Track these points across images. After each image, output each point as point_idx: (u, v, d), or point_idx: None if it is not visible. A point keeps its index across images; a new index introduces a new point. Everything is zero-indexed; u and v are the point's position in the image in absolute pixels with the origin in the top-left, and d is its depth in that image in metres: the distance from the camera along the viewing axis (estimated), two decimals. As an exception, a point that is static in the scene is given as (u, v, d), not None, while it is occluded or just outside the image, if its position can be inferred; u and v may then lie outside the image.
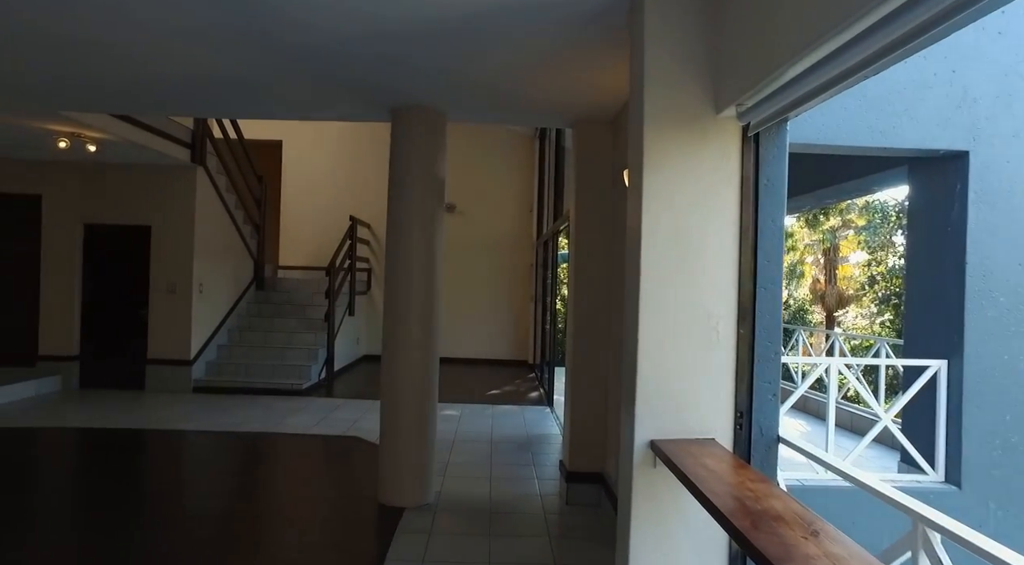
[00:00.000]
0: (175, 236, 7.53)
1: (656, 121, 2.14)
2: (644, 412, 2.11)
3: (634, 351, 2.14)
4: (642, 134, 2.15)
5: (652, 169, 2.14)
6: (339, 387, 8.21)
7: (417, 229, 4.04)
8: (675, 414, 2.11)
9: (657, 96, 2.13)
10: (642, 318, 2.12)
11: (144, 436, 5.61)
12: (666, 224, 2.14)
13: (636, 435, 2.10)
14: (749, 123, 2.10)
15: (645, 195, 2.15)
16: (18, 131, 5.94)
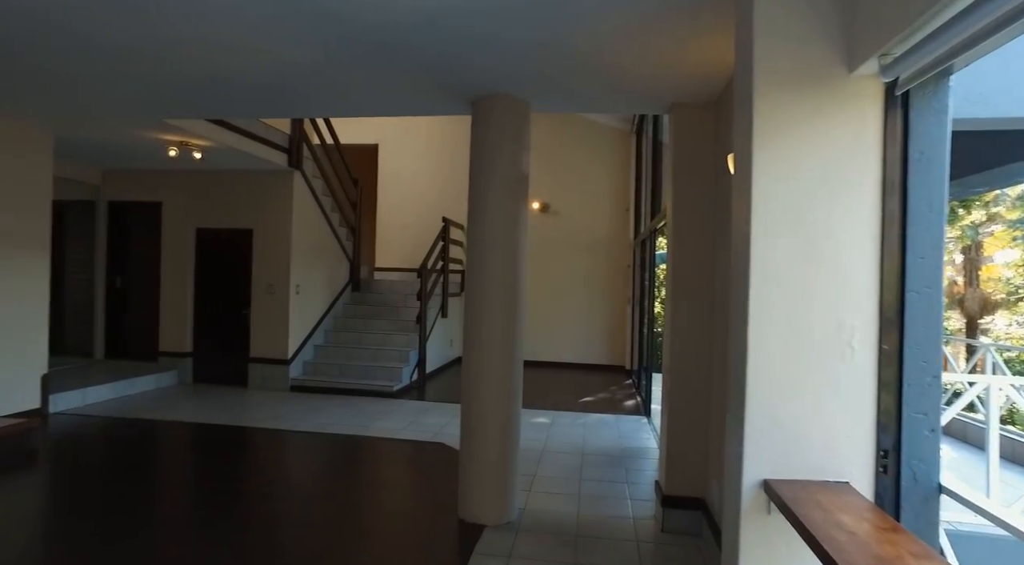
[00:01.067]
0: (274, 239, 7.78)
1: (769, 86, 1.73)
2: (755, 444, 1.70)
3: (742, 368, 1.75)
4: (751, 104, 1.75)
5: (765, 145, 1.74)
6: (430, 390, 8.16)
7: (499, 226, 3.78)
8: (796, 448, 1.69)
9: (770, 54, 1.73)
10: (752, 328, 1.73)
11: (239, 433, 5.75)
12: (783, 212, 1.73)
13: (745, 472, 1.71)
14: (897, 79, 1.64)
15: (756, 178, 1.74)
16: (137, 143, 6.32)
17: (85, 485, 4.36)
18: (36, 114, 5.10)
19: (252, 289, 7.85)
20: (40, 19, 2.88)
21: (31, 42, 3.20)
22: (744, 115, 1.84)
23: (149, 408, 6.54)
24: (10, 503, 4.01)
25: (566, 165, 10.92)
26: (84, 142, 6.46)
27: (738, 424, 1.76)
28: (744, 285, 1.78)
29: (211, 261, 8.05)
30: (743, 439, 1.72)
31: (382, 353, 8.25)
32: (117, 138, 6.17)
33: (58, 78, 3.87)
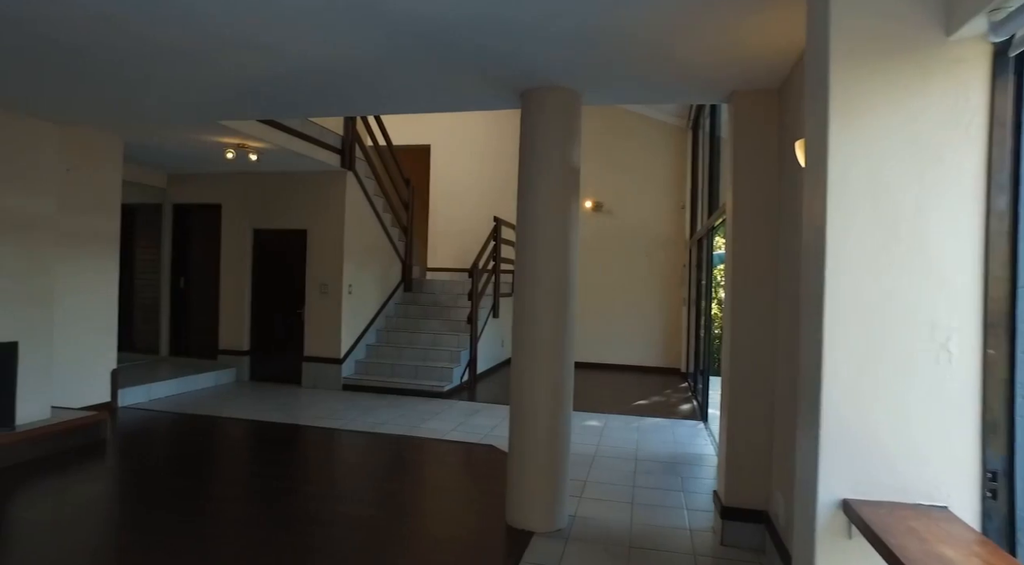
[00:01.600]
0: (327, 239, 7.88)
1: (848, 57, 1.54)
2: (833, 458, 1.52)
3: (817, 372, 1.56)
4: (827, 79, 1.56)
5: (842, 126, 1.55)
6: (480, 391, 8.09)
7: (549, 222, 3.65)
8: (881, 465, 1.49)
9: (849, 19, 1.54)
10: (828, 329, 1.54)
11: (292, 431, 5.81)
12: (863, 201, 1.54)
13: (821, 489, 1.52)
14: (1011, 37, 1.42)
15: (832, 164, 1.56)
16: (197, 146, 6.50)
17: (145, 478, 4.47)
18: (102, 121, 5.28)
19: (306, 289, 7.97)
20: (96, 22, 2.93)
21: (93, 48, 3.27)
22: (818, 93, 1.65)
23: (208, 404, 6.71)
24: (80, 492, 4.14)
25: (619, 163, 10.67)
26: (151, 147, 6.70)
27: (812, 435, 1.57)
28: (818, 283, 1.59)
29: (267, 261, 8.23)
30: (818, 452, 1.53)
31: (433, 353, 8.24)
32: (179, 143, 6.36)
33: (116, 84, 3.97)
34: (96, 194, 6.09)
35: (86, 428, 5.19)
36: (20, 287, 4.91)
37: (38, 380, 5.07)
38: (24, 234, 4.93)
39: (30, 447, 4.75)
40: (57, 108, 4.70)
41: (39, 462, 4.66)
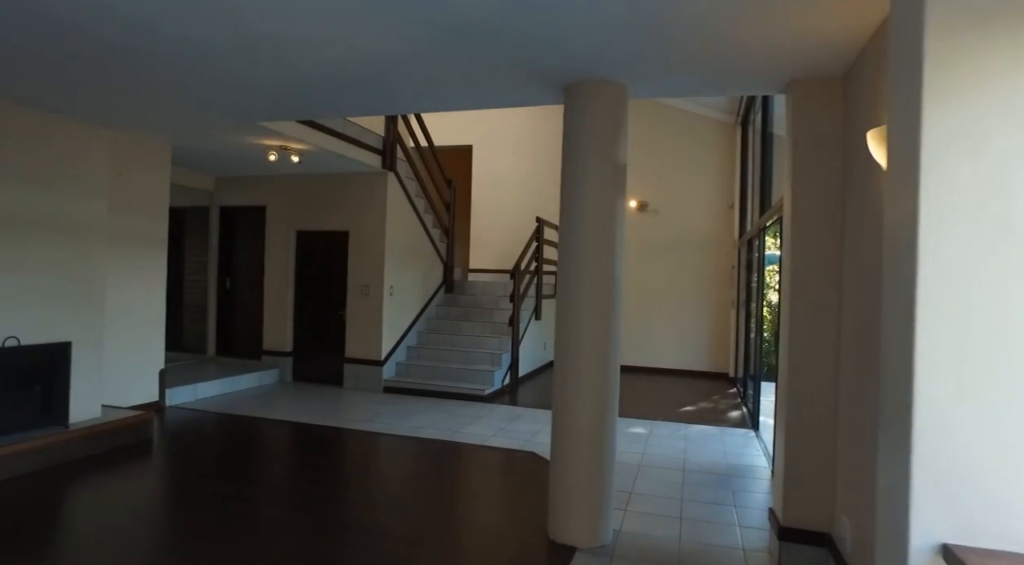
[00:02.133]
0: (368, 240, 7.87)
1: (947, 27, 1.33)
2: (930, 495, 1.31)
3: (907, 396, 1.36)
4: (920, 54, 1.36)
5: (939, 108, 1.34)
6: (522, 395, 7.95)
7: (594, 221, 3.48)
8: (995, 505, 1.28)
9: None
10: (921, 347, 1.33)
11: (332, 434, 5.78)
12: (965, 195, 1.33)
13: (913, 530, 1.32)
14: None
15: (926, 152, 1.35)
16: (241, 149, 6.55)
17: (187, 479, 4.49)
18: (148, 126, 5.35)
19: (348, 290, 7.99)
20: (129, 25, 2.91)
21: (131, 52, 3.26)
22: (907, 74, 1.44)
23: (251, 405, 6.77)
24: (124, 492, 4.18)
25: (664, 162, 10.38)
26: (198, 151, 6.79)
27: (901, 467, 1.37)
28: (908, 293, 1.39)
29: (310, 263, 8.28)
30: (910, 487, 1.33)
31: (474, 356, 8.14)
32: (224, 145, 6.42)
33: (155, 88, 3.98)
34: (145, 197, 6.20)
35: (134, 427, 5.27)
36: (73, 288, 5.01)
37: (90, 379, 5.17)
38: (78, 237, 5.03)
39: (82, 445, 4.84)
40: (106, 114, 4.77)
41: (90, 460, 4.74)
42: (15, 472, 4.36)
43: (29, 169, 4.66)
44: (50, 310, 4.84)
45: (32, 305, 4.70)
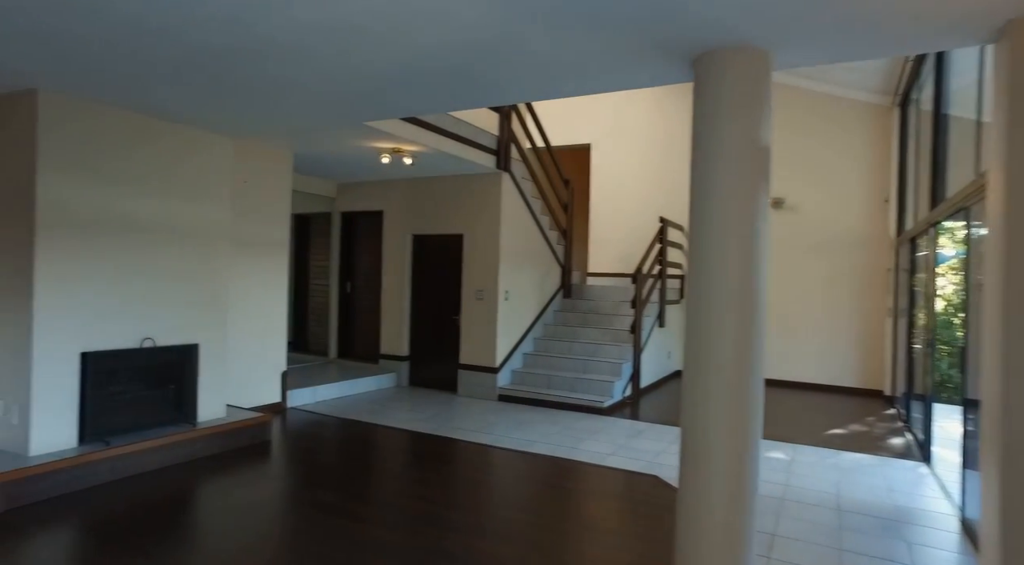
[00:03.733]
0: (483, 243, 7.67)
1: None
2: None
3: None
4: None
5: None
6: (644, 408, 7.37)
7: (732, 214, 2.93)
8: None
9: None
10: None
11: (444, 445, 5.58)
12: None
13: None
14: None
15: None
16: (357, 154, 6.59)
17: (297, 487, 4.45)
18: (260, 132, 5.46)
19: (462, 295, 7.84)
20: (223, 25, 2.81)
21: (227, 54, 3.20)
22: None
23: (367, 410, 6.77)
24: (239, 495, 4.19)
25: (804, 152, 9.29)
26: (318, 158, 6.94)
27: None
28: None
29: (426, 267, 8.24)
30: None
31: (593, 364, 7.68)
32: (341, 150, 6.49)
33: (254, 91, 3.95)
34: (267, 204, 6.39)
35: (254, 428, 5.37)
36: (200, 292, 5.20)
37: (215, 380, 5.34)
38: (204, 242, 5.22)
39: (206, 443, 4.99)
40: (229, 122, 4.89)
41: (212, 459, 4.86)
42: (147, 467, 4.54)
43: (162, 178, 4.87)
44: (180, 313, 5.03)
45: (165, 308, 4.91)
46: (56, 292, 4.24)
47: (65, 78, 3.86)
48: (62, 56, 3.43)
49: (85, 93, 4.19)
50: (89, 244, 4.42)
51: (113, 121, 4.52)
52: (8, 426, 4.28)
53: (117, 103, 4.41)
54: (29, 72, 3.77)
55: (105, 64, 3.54)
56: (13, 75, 3.83)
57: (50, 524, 3.65)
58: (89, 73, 3.73)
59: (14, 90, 4.18)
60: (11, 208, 4.26)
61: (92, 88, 4.06)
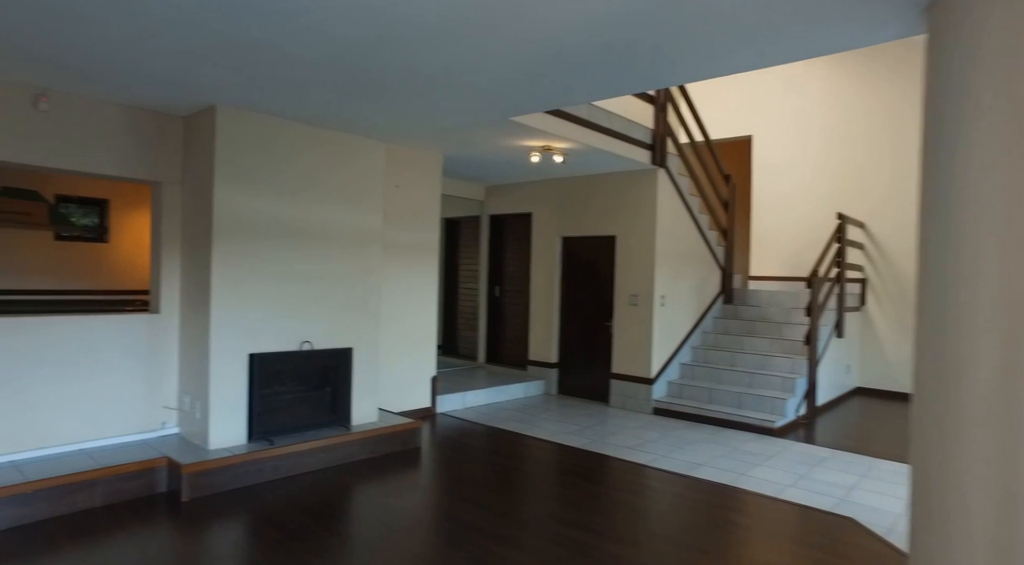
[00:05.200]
0: (637, 245, 7.17)
1: None
2: None
3: None
4: None
5: None
6: (822, 430, 6.43)
7: (991, 194, 2.23)
8: None
9: None
10: None
11: (594, 462, 5.18)
12: None
13: None
14: None
15: None
16: (505, 154, 6.42)
17: (443, 500, 4.28)
18: (410, 135, 5.44)
19: (614, 300, 7.39)
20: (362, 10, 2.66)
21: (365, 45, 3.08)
22: None
23: (516, 418, 6.56)
24: (386, 504, 4.12)
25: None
26: (468, 160, 6.89)
27: None
28: None
29: (576, 270, 7.91)
30: None
31: (760, 379, 6.86)
32: (490, 150, 6.35)
33: (397, 88, 3.83)
34: (418, 208, 6.42)
35: (405, 434, 5.35)
36: (355, 297, 5.28)
37: (368, 384, 5.40)
38: (359, 248, 5.30)
39: (359, 448, 5.03)
40: (377, 125, 4.90)
41: (364, 464, 4.89)
42: (305, 467, 4.65)
43: (320, 185, 5.01)
44: (335, 317, 5.14)
45: (322, 312, 5.04)
46: (229, 295, 4.47)
47: (238, 91, 4.04)
48: (238, 67, 3.55)
49: (253, 106, 4.38)
50: (256, 249, 4.61)
51: (276, 131, 4.70)
52: (193, 420, 4.59)
53: (279, 113, 4.58)
54: (213, 88, 3.98)
55: (272, 71, 3.61)
56: (201, 92, 4.07)
57: (225, 516, 3.79)
58: (257, 81, 3.85)
59: (201, 107, 4.48)
60: (200, 218, 4.56)
61: (259, 99, 4.22)
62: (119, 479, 3.99)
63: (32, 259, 6.88)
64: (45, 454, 4.17)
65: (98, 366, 4.41)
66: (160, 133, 4.67)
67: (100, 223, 7.42)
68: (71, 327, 4.30)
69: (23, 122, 4.06)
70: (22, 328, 4.10)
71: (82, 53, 3.39)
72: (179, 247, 4.80)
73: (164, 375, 4.74)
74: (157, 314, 4.72)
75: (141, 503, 3.96)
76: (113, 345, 4.48)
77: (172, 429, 4.77)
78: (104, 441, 4.43)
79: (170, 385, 4.77)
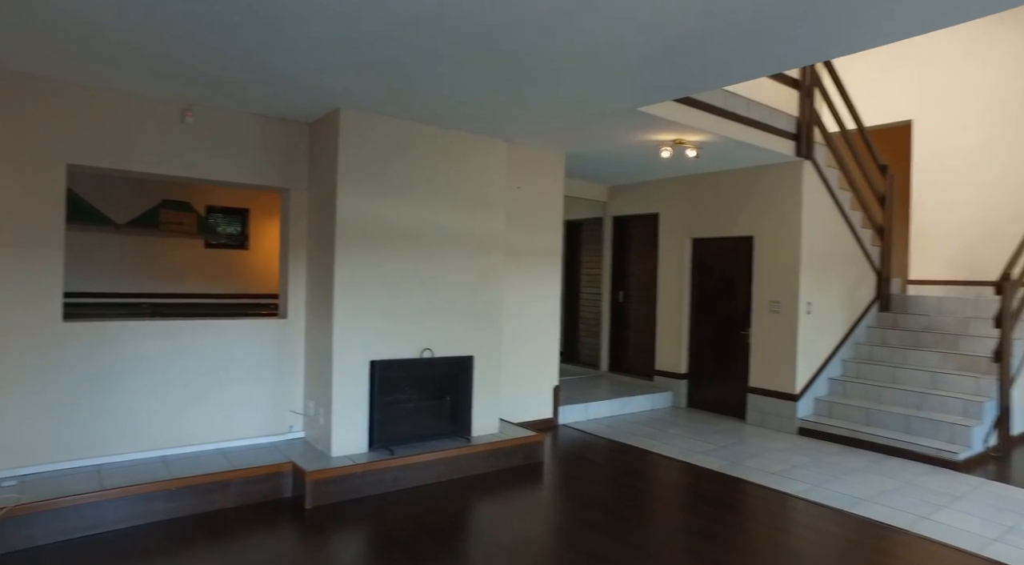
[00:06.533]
0: (779, 246, 6.45)
1: None
2: None
3: None
4: None
5: None
6: (1022, 467, 5.37)
7: None
8: None
9: None
10: None
11: (735, 488, 4.62)
12: None
13: None
14: None
15: None
16: (632, 151, 6.01)
17: (566, 523, 3.95)
18: (534, 132, 5.17)
19: (752, 306, 6.70)
20: None
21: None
22: None
23: (643, 433, 6.10)
24: (507, 524, 3.86)
25: None
26: (590, 159, 6.54)
27: None
28: None
29: (708, 274, 7.29)
30: None
31: (933, 400, 5.89)
32: (616, 147, 5.96)
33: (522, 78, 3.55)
34: (540, 210, 6.16)
35: (527, 448, 5.09)
36: (476, 303, 5.10)
37: (489, 394, 5.19)
38: (480, 252, 5.11)
39: (481, 461, 4.83)
40: (499, 120, 4.68)
41: (484, 479, 4.68)
42: (425, 479, 4.51)
43: (440, 187, 4.87)
44: (456, 324, 4.98)
45: (443, 319, 4.90)
46: (351, 300, 4.44)
47: (360, 92, 3.99)
48: (361, 63, 3.47)
49: (375, 107, 4.33)
50: (377, 254, 4.55)
51: (397, 133, 4.62)
52: (317, 425, 4.61)
53: (400, 114, 4.49)
54: (337, 90, 3.96)
55: (394, 66, 3.50)
56: (326, 94, 4.07)
57: (346, 527, 3.72)
58: (378, 79, 3.77)
59: (326, 112, 4.50)
60: (323, 223, 4.59)
61: (381, 99, 4.15)
62: (249, 482, 4.05)
63: (186, 265, 7.41)
64: (188, 451, 4.34)
65: (232, 369, 4.55)
66: (289, 140, 4.76)
67: (242, 231, 7.87)
68: (208, 331, 4.46)
69: (171, 136, 4.28)
70: (166, 331, 4.30)
71: (219, 62, 3.45)
72: (305, 253, 4.87)
73: (291, 379, 4.81)
74: (285, 319, 4.81)
75: (268, 507, 3.99)
76: (245, 349, 4.61)
77: (298, 433, 4.83)
78: (237, 442, 4.55)
79: (296, 389, 4.84)
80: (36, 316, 3.84)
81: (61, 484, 3.66)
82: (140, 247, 7.06)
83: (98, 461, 4.05)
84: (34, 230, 3.83)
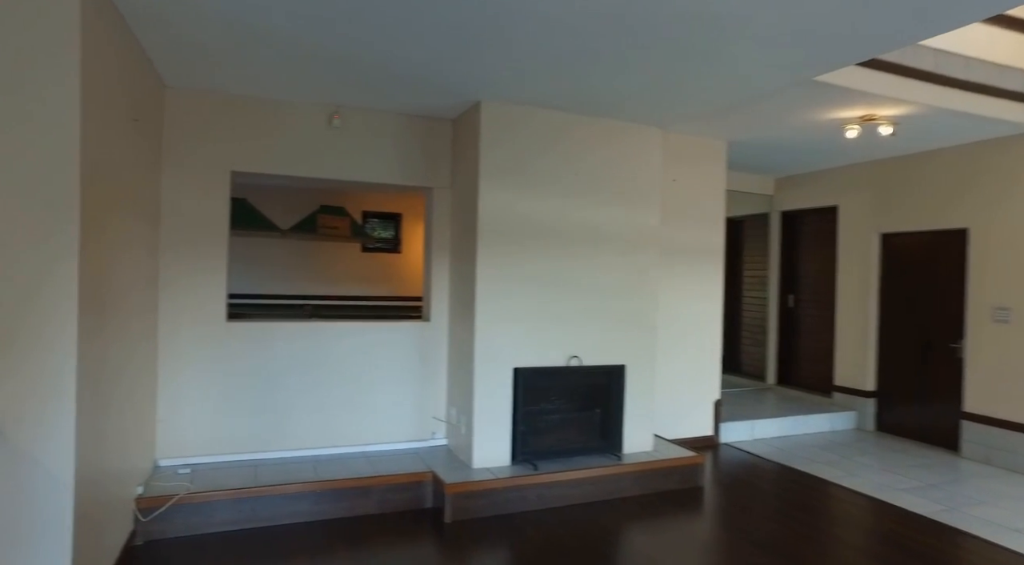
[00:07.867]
0: (1005, 240, 5.22)
1: None
2: None
3: None
4: None
5: None
6: None
7: None
8: None
9: None
10: None
11: (953, 541, 3.70)
12: None
13: None
14: None
15: None
16: (806, 131, 5.20)
17: (723, 557, 3.37)
18: (686, 117, 4.60)
19: (966, 314, 5.51)
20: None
21: None
22: None
23: (821, 460, 5.23)
24: (667, 558, 3.38)
25: None
26: (754, 146, 5.79)
27: None
28: None
29: (901, 275, 6.15)
30: None
31: None
32: (785, 131, 5.19)
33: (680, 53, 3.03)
34: (698, 203, 5.55)
35: (685, 470, 4.54)
36: (629, 307, 4.64)
37: (642, 407, 4.70)
38: (633, 251, 4.64)
39: (632, 482, 4.38)
40: (650, 105, 4.18)
41: (635, 502, 4.21)
42: (571, 499, 4.14)
43: (586, 180, 4.47)
44: (605, 331, 4.55)
45: (590, 325, 4.50)
46: (493, 302, 4.19)
47: (499, 80, 3.74)
48: (497, 45, 3.22)
49: (515, 96, 4.06)
50: (521, 254, 4.26)
51: (539, 122, 4.30)
52: (459, 434, 4.43)
53: (541, 102, 4.18)
54: (476, 81, 3.76)
55: (531, 45, 3.19)
56: (466, 87, 3.89)
57: (484, 546, 3.49)
58: (516, 61, 3.49)
59: (467, 106, 4.32)
60: (466, 222, 4.40)
61: (520, 86, 3.86)
62: (390, 489, 3.95)
63: (345, 268, 7.74)
64: (335, 453, 4.37)
65: (376, 371, 4.51)
66: (432, 138, 4.65)
67: (395, 235, 8.08)
68: (354, 333, 4.47)
69: (319, 139, 4.34)
70: (316, 333, 4.36)
71: (366, 58, 3.37)
72: (448, 254, 4.73)
73: (434, 384, 4.69)
74: (428, 322, 4.70)
75: (408, 517, 3.86)
76: (390, 351, 4.55)
77: (440, 440, 4.69)
78: (381, 446, 4.50)
79: (440, 395, 4.71)
80: (206, 315, 4.05)
81: (222, 477, 3.80)
82: (301, 251, 7.46)
83: (255, 456, 4.18)
84: (205, 234, 4.05)
